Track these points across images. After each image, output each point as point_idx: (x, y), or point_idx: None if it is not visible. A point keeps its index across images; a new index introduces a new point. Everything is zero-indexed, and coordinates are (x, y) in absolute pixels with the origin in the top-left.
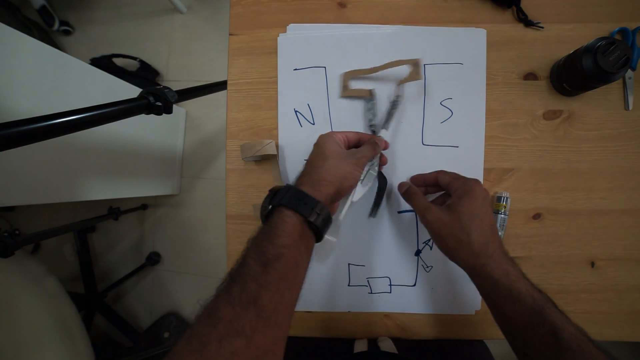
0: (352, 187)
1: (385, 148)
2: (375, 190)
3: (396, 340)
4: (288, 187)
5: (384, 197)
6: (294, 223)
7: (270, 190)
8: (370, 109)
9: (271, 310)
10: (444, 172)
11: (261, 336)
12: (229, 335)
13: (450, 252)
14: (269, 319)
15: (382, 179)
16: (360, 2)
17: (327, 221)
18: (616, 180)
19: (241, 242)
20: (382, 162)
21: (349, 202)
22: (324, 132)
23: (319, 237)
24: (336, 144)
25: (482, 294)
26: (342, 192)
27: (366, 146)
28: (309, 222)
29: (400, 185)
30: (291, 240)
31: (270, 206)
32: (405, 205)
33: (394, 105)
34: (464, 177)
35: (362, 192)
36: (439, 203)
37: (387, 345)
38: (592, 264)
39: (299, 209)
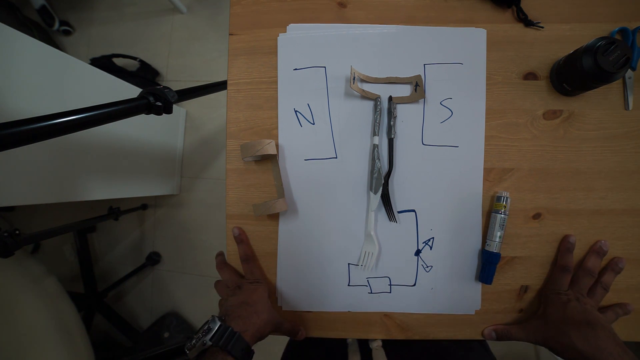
0: None
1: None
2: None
3: (391, 344)
4: (232, 333)
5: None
6: None
7: (208, 326)
8: (376, 116)
9: None
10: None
11: None
12: None
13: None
14: None
15: (384, 186)
16: (360, 2)
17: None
18: (616, 180)
19: None
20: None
21: (372, 215)
22: (323, 132)
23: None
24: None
25: None
26: None
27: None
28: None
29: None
30: None
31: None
32: (405, 205)
33: (390, 115)
34: None
35: (376, 200)
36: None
37: (379, 355)
38: None
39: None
